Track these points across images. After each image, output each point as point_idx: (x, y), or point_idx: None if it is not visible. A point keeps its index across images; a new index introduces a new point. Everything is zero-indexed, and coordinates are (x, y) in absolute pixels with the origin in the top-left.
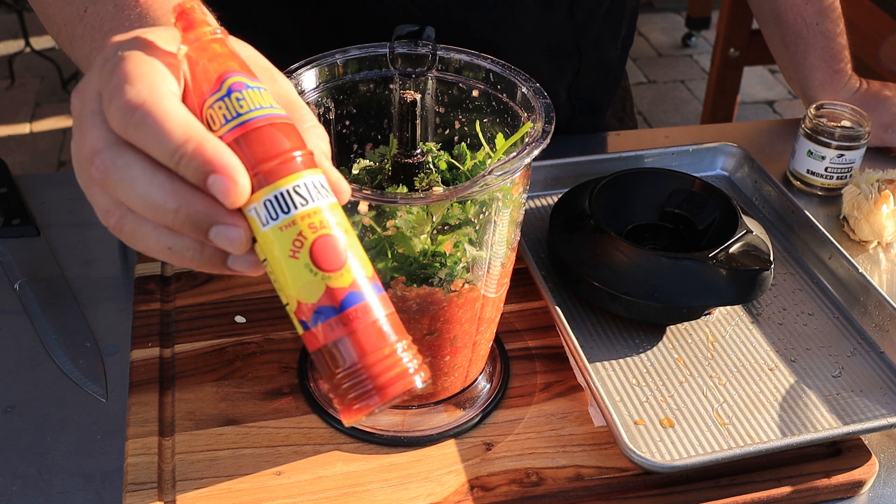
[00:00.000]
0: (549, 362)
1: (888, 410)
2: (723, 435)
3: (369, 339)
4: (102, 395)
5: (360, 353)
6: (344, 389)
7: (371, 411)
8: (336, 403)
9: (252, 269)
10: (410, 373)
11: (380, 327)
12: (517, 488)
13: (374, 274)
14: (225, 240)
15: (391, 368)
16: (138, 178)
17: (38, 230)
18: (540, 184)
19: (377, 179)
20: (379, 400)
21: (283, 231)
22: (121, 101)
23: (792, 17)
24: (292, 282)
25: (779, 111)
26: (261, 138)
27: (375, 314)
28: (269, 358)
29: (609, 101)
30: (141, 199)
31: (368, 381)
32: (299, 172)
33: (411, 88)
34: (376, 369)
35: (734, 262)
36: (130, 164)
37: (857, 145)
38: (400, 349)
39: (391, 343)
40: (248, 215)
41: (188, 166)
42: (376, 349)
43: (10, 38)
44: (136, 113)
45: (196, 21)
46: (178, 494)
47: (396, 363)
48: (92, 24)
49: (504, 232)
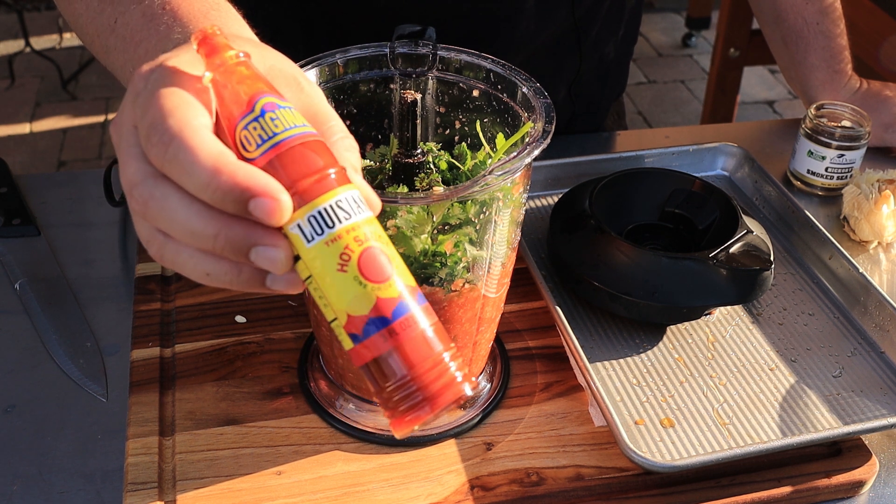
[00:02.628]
0: (550, 362)
1: (888, 410)
2: (723, 435)
3: (419, 349)
4: (103, 394)
5: (410, 364)
6: (395, 402)
7: (423, 421)
8: (387, 415)
9: (292, 287)
10: (459, 381)
11: (428, 337)
12: (517, 488)
13: (416, 285)
14: (266, 260)
15: (440, 377)
16: (176, 208)
17: (38, 230)
18: (540, 184)
19: (378, 179)
20: (430, 410)
21: (329, 246)
22: (155, 137)
23: (793, 17)
24: (342, 295)
25: (779, 111)
26: (297, 157)
27: (423, 324)
28: (269, 358)
29: (610, 103)
30: (180, 226)
31: (419, 392)
32: (336, 189)
33: (412, 88)
34: (426, 379)
35: (734, 262)
36: (168, 195)
37: (857, 145)
38: (447, 358)
39: (439, 352)
40: (290, 233)
41: (224, 199)
42: (426, 359)
43: (10, 38)
44: (168, 149)
45: (219, 46)
46: (179, 494)
47: (444, 372)
48: (123, 34)
49: (504, 232)
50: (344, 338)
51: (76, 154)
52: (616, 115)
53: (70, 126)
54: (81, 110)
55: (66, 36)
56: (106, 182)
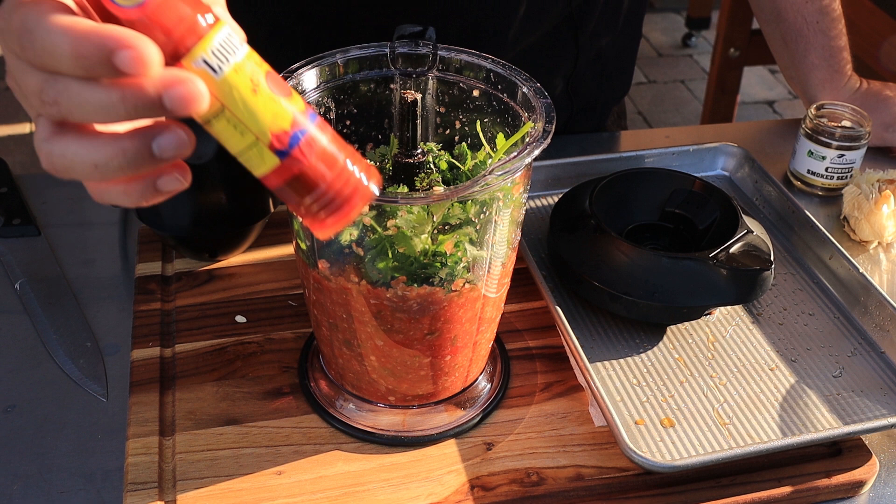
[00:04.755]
0: (550, 362)
1: (888, 410)
2: (723, 435)
3: (330, 157)
4: (103, 394)
5: (322, 174)
6: (315, 211)
7: (344, 224)
8: (307, 223)
9: (182, 148)
10: (365, 183)
11: (335, 146)
12: (518, 488)
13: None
14: (183, 98)
15: (349, 181)
16: (78, 91)
17: (38, 230)
18: (540, 184)
19: None
20: (348, 210)
21: (239, 72)
22: (25, 41)
23: (792, 16)
24: (264, 115)
25: (779, 111)
26: (170, 4)
27: (326, 134)
28: (269, 358)
29: (611, 106)
30: (89, 106)
31: (336, 198)
32: (223, 21)
33: (412, 88)
34: (339, 185)
35: (735, 262)
36: (67, 84)
37: (857, 145)
38: (350, 164)
39: (344, 158)
40: (196, 70)
41: (93, 65)
42: (335, 165)
43: None
44: (34, 43)
45: None
46: (179, 494)
47: (352, 175)
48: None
49: (505, 232)
50: (268, 157)
51: None
52: (616, 115)
53: None
54: None
55: None
56: None
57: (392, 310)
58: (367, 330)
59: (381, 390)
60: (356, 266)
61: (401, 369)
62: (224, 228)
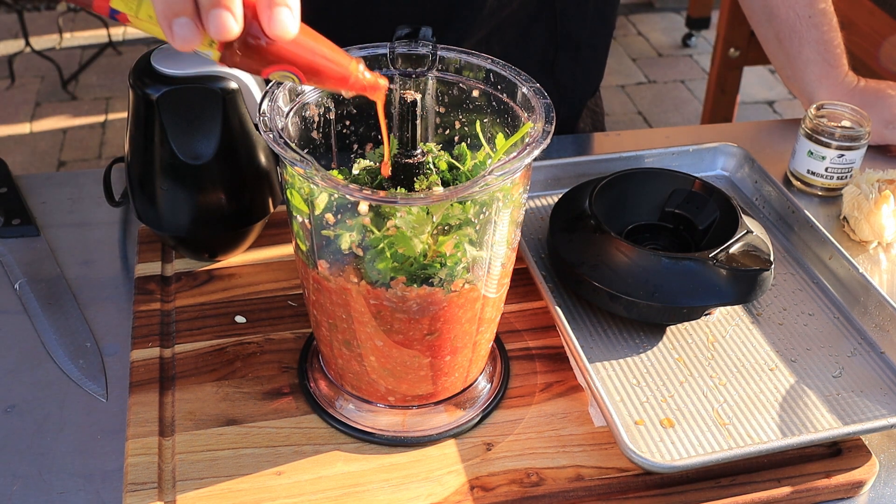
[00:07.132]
0: (550, 362)
1: (888, 410)
2: (723, 435)
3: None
4: (102, 395)
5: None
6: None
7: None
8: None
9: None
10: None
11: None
12: (517, 488)
13: None
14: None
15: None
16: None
17: (38, 230)
18: (540, 184)
19: (377, 179)
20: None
21: None
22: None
23: (784, 12)
24: None
25: (779, 111)
26: None
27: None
28: (269, 358)
29: (586, 97)
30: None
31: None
32: None
33: (411, 88)
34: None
35: (734, 262)
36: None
37: (857, 145)
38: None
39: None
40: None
41: None
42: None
43: (10, 38)
44: None
45: None
46: (179, 494)
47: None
48: None
49: (504, 232)
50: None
51: (76, 154)
52: (592, 111)
53: (70, 126)
54: (81, 110)
55: (66, 36)
56: (106, 182)
57: (392, 310)
58: (367, 330)
59: (380, 390)
60: (356, 266)
61: (400, 370)
62: (224, 228)
